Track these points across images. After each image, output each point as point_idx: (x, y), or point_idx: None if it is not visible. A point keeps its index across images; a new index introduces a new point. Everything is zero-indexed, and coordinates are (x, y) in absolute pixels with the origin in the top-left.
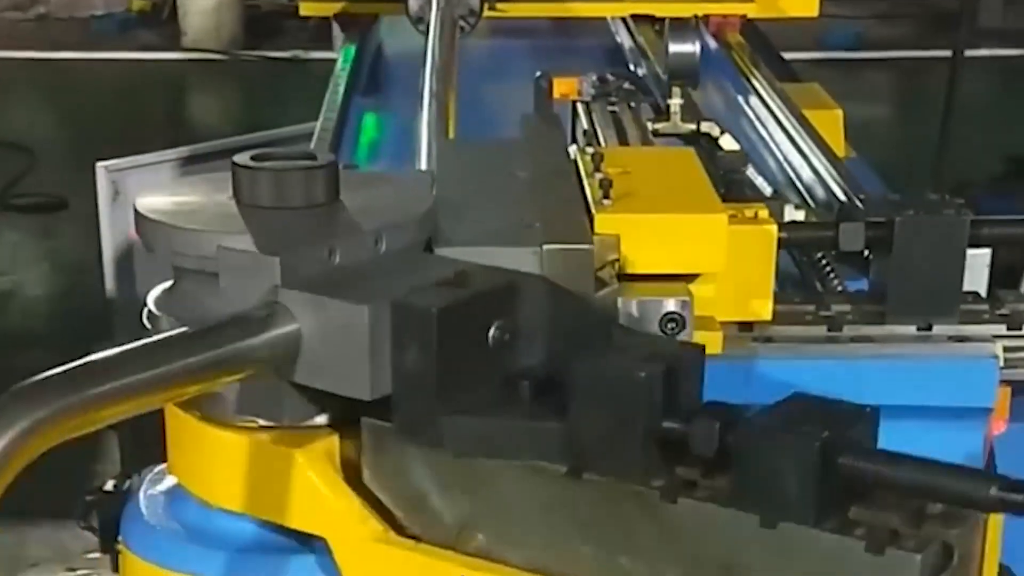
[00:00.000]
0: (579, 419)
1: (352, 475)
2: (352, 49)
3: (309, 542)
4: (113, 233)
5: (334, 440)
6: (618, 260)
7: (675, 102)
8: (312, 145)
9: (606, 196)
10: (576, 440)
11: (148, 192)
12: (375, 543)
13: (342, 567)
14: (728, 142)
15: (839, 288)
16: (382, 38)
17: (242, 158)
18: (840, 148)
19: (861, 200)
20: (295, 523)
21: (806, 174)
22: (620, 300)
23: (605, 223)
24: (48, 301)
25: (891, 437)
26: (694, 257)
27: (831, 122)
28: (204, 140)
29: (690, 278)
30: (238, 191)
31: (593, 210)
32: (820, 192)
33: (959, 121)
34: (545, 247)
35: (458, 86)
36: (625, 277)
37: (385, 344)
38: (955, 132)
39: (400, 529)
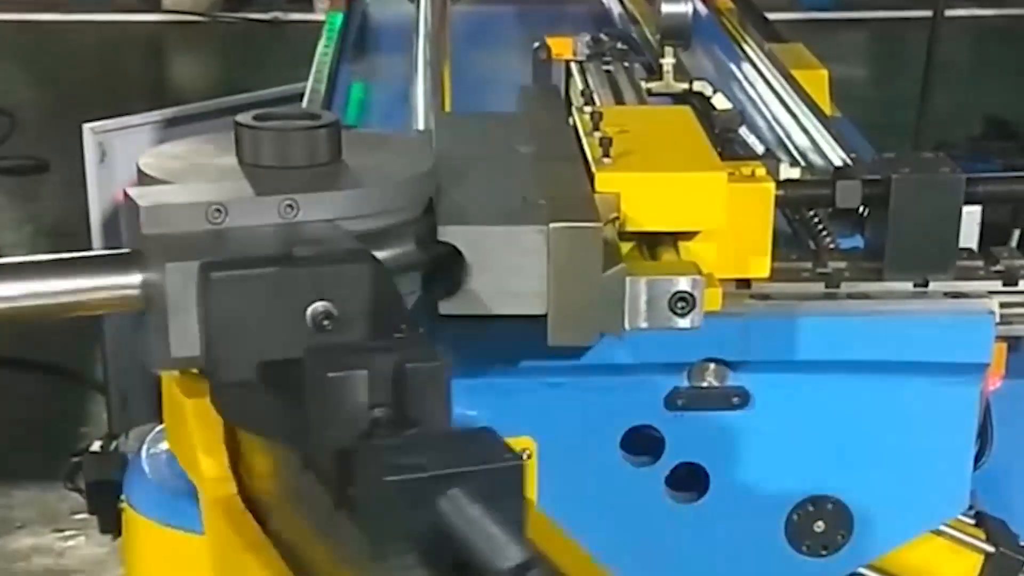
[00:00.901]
0: (308, 411)
1: None
2: (339, 17)
3: None
4: (100, 195)
5: None
6: (618, 218)
7: (667, 61)
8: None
9: (606, 154)
10: (303, 432)
11: (150, 150)
12: (214, 503)
13: (204, 520)
14: (721, 101)
15: (831, 246)
16: (368, 3)
17: (245, 117)
18: (826, 108)
19: (852, 159)
20: (188, 471)
21: (797, 134)
22: (628, 279)
23: (605, 181)
24: None
25: (888, 394)
26: (694, 214)
27: (816, 82)
28: (185, 102)
29: (689, 235)
30: (240, 150)
31: (593, 168)
32: (811, 152)
33: (938, 81)
34: (552, 225)
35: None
36: (625, 236)
37: (190, 306)
38: (934, 92)
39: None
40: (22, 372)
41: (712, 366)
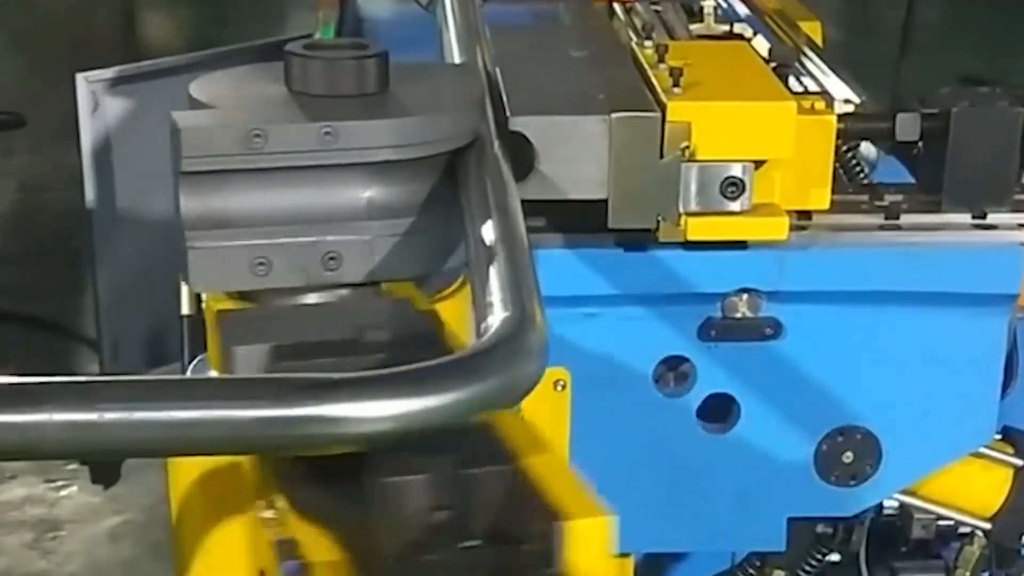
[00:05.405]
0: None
1: None
2: (331, 31)
3: None
4: (93, 145)
5: None
6: (688, 147)
7: (708, 3)
8: None
9: (676, 84)
10: None
11: (200, 80)
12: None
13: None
14: (761, 43)
15: (864, 179)
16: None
17: (295, 47)
18: None
19: (864, 102)
20: None
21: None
22: (683, 165)
23: (678, 111)
24: (14, 218)
25: (917, 325)
26: (764, 144)
27: (811, 32)
28: (158, 57)
29: (757, 165)
30: (290, 79)
31: (664, 99)
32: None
33: (912, 42)
34: (614, 115)
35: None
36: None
37: None
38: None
39: None
40: (12, 326)
41: (745, 296)
